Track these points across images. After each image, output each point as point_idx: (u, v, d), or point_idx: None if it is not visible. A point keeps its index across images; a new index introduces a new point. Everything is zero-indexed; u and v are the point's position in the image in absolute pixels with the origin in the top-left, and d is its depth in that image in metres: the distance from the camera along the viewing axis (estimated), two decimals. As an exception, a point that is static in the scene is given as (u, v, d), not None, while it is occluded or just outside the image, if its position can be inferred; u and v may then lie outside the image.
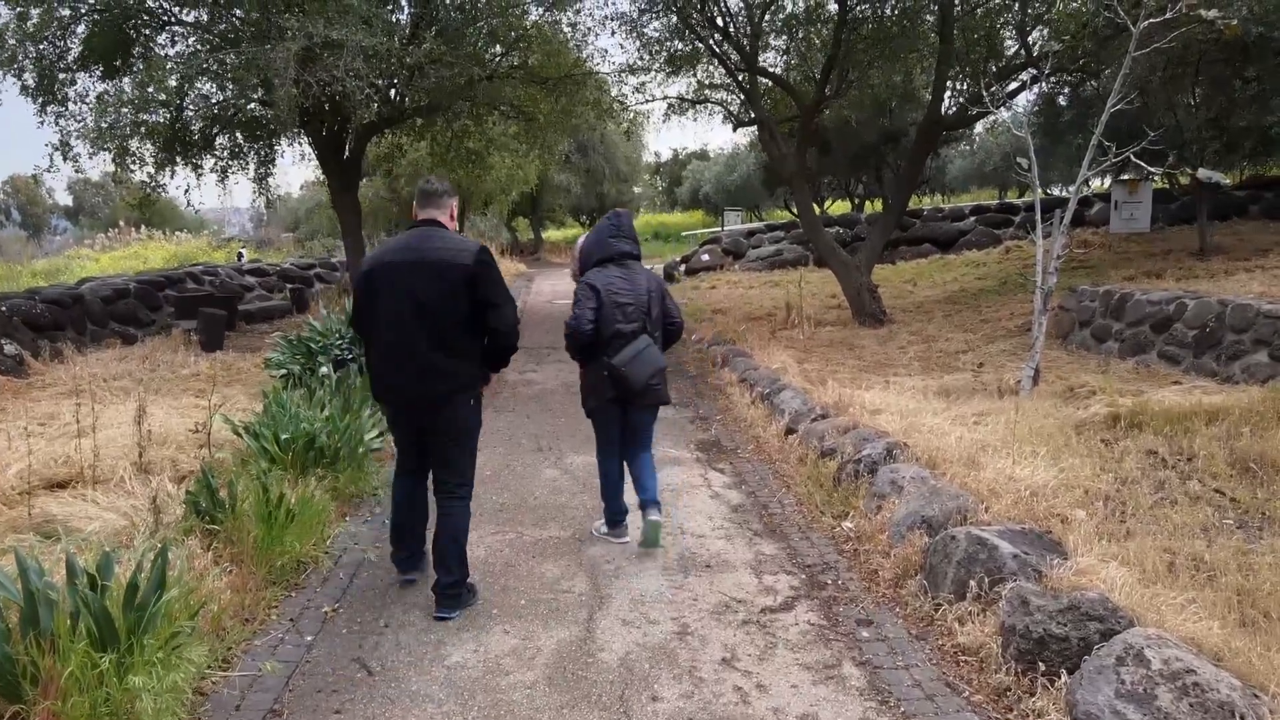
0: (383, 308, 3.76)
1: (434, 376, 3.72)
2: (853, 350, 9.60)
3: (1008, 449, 4.99)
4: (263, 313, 13.85)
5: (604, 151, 36.87)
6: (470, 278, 3.67)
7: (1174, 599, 3.20)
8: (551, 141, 15.16)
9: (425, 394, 3.76)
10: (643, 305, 4.40)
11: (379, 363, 3.87)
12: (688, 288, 17.93)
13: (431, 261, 3.68)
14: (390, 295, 3.73)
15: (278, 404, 5.25)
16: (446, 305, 3.68)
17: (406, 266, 3.72)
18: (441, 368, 3.71)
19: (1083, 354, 8.55)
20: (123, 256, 35.82)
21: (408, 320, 3.69)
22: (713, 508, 5.13)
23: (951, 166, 30.16)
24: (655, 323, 4.49)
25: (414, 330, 3.68)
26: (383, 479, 5.55)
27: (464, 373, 3.79)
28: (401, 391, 3.83)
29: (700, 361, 9.94)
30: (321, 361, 7.24)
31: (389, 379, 3.84)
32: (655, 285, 4.53)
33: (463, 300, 3.69)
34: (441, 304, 3.67)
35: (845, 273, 11.59)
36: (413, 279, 3.69)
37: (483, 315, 3.75)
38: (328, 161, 12.28)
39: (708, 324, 12.16)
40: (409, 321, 3.69)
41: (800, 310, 11.28)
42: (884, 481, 4.68)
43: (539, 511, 5.07)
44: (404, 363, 3.73)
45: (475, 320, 3.75)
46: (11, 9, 9.75)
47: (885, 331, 10.67)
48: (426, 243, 3.75)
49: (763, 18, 11.71)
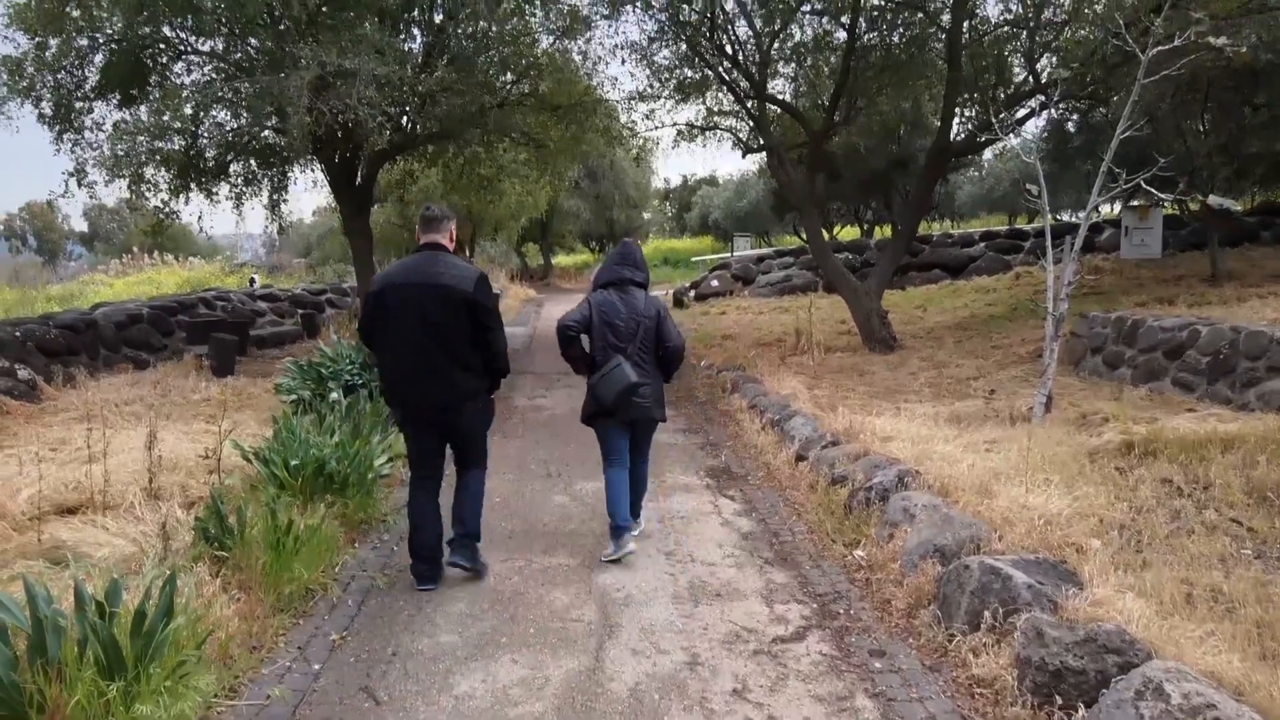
0: (394, 325, 4.13)
1: (445, 387, 4.14)
2: (863, 376, 9.57)
3: (1021, 477, 4.95)
4: (274, 338, 13.90)
5: (613, 178, 37.10)
6: (470, 303, 4.09)
7: (1193, 631, 3.15)
8: (561, 168, 15.26)
9: (437, 403, 4.18)
10: (633, 328, 4.70)
11: (392, 374, 4.26)
12: (697, 313, 17.96)
13: (437, 285, 4.08)
14: (400, 314, 4.10)
15: (288, 430, 5.25)
16: (452, 325, 4.10)
17: (415, 289, 4.09)
18: (451, 380, 4.14)
19: (1095, 380, 8.49)
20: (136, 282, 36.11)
21: (418, 337, 4.09)
22: (723, 535, 5.09)
23: (961, 192, 30.20)
24: (647, 345, 4.75)
25: (425, 346, 4.08)
26: (392, 504, 5.55)
27: (471, 384, 4.24)
28: (414, 400, 4.22)
29: (710, 387, 9.92)
30: (332, 387, 7.26)
31: (402, 390, 4.24)
32: (654, 310, 4.81)
33: (465, 321, 4.11)
34: (447, 324, 4.09)
35: (855, 299, 11.58)
36: (421, 300, 4.07)
37: (482, 333, 4.17)
38: (340, 188, 12.38)
39: (717, 350, 12.15)
40: (419, 338, 4.08)
41: (810, 336, 11.26)
42: (896, 509, 4.64)
43: (548, 539, 5.04)
44: (416, 375, 4.14)
45: (478, 337, 4.17)
46: (30, 39, 9.90)
47: (896, 358, 10.63)
48: (432, 267, 4.13)
49: (771, 45, 11.80)
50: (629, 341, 4.70)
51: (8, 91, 10.36)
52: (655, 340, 4.78)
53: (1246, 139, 11.57)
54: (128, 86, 11.00)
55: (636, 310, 4.74)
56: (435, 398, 4.16)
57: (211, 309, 13.95)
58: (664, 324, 4.81)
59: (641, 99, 13.24)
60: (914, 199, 12.77)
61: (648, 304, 4.81)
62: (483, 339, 4.17)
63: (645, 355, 4.77)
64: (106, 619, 2.70)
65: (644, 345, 4.75)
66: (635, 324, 4.71)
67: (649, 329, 4.75)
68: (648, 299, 4.85)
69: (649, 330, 4.75)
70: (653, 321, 4.76)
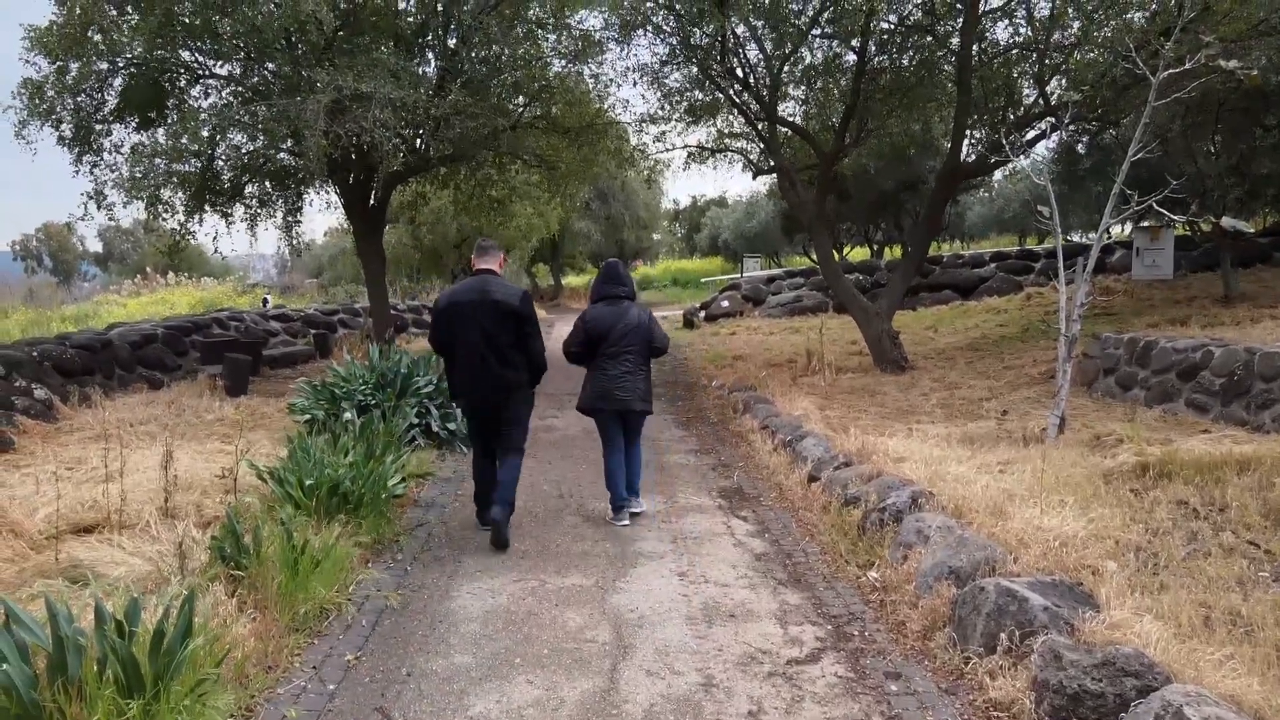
0: (458, 333, 5.24)
1: (498, 382, 5.24)
2: (875, 397, 9.56)
3: (1035, 498, 4.94)
4: (286, 358, 13.99)
5: (624, 199, 37.27)
6: (517, 314, 5.22)
7: (1211, 654, 3.13)
8: (572, 189, 15.37)
9: (492, 394, 5.28)
10: (624, 333, 5.61)
11: (459, 373, 5.35)
12: (707, 334, 17.99)
13: (491, 301, 5.19)
14: (463, 324, 5.21)
15: (302, 450, 5.29)
16: (503, 332, 5.20)
17: (473, 305, 5.21)
18: (503, 375, 5.23)
19: (1108, 402, 8.47)
20: (150, 302, 36.35)
21: (478, 342, 5.18)
22: (736, 556, 5.09)
23: (971, 213, 30.23)
24: (640, 346, 5.68)
25: (483, 349, 5.18)
26: (405, 525, 5.57)
27: (518, 379, 5.32)
28: (475, 392, 5.32)
29: (721, 408, 9.93)
30: (345, 407, 7.30)
31: (466, 384, 5.33)
32: (643, 319, 5.73)
33: (513, 329, 5.22)
34: (499, 331, 5.19)
35: (866, 319, 11.59)
36: (479, 313, 5.18)
37: (525, 339, 5.27)
38: (353, 209, 12.51)
39: (728, 370, 12.17)
40: (478, 343, 5.18)
41: (821, 357, 11.27)
42: (910, 531, 4.63)
43: (561, 559, 5.05)
44: (477, 372, 5.23)
45: (522, 342, 5.27)
46: (51, 63, 10.06)
47: (907, 378, 10.62)
48: (487, 286, 5.26)
49: (782, 68, 11.89)
50: (620, 345, 5.60)
51: (29, 114, 10.53)
52: (646, 341, 5.71)
53: (1257, 160, 11.57)
54: (146, 110, 11.16)
55: (628, 319, 5.64)
56: (491, 390, 5.26)
57: (225, 329, 14.05)
58: (653, 329, 5.78)
59: (652, 121, 13.36)
60: (924, 220, 12.79)
61: (637, 313, 5.71)
62: (525, 343, 5.29)
63: (639, 355, 5.68)
64: (126, 638, 2.71)
65: (637, 347, 5.65)
66: (626, 330, 5.61)
67: (640, 334, 5.66)
68: (636, 309, 5.74)
69: (641, 334, 5.66)
70: (644, 327, 5.69)
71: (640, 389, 5.67)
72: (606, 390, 5.60)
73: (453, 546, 5.29)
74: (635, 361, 5.65)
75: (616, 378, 5.60)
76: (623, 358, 5.61)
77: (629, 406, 5.65)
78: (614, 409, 5.65)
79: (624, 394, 5.60)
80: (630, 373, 5.62)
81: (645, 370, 5.74)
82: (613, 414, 5.67)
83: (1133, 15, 9.86)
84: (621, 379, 5.59)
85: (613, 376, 5.61)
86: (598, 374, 5.66)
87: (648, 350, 5.74)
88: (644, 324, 5.69)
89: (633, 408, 5.67)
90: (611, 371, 5.61)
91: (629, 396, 5.61)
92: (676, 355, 15.10)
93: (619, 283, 5.81)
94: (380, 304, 12.89)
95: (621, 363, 5.60)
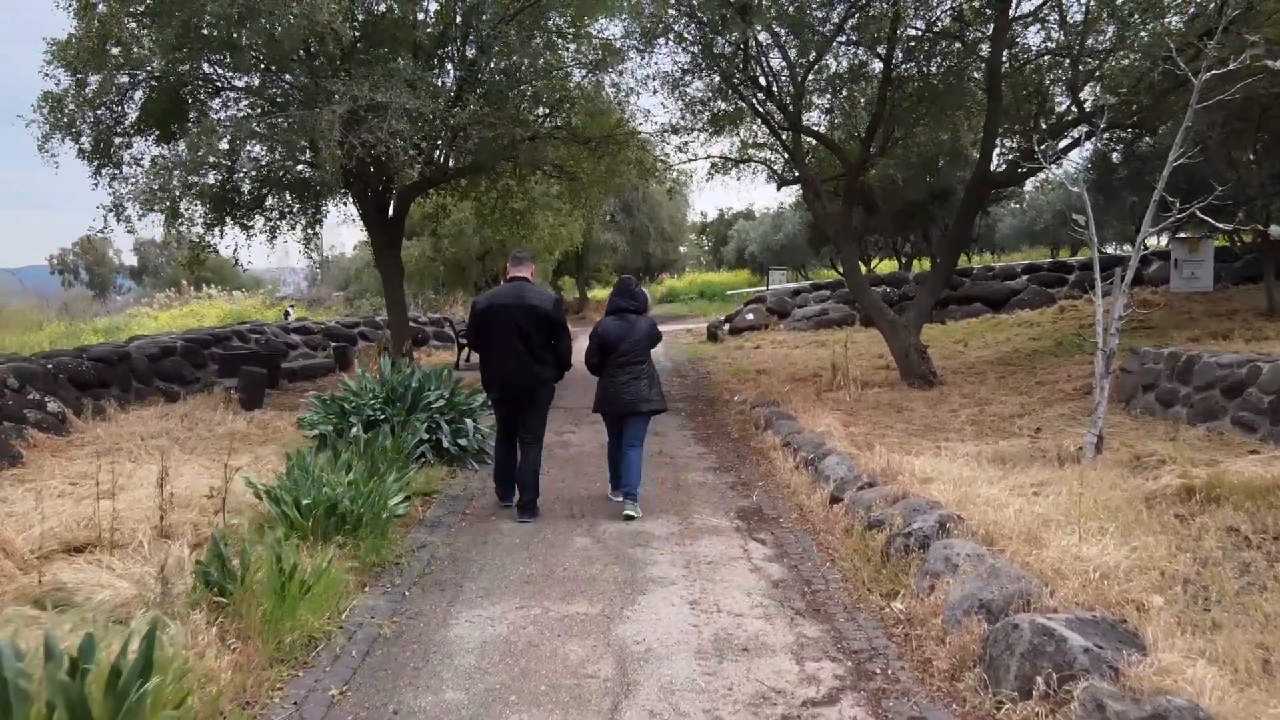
0: (494, 332, 5.99)
1: (528, 374, 5.97)
2: (901, 413, 9.24)
3: (1073, 524, 4.63)
4: (305, 371, 13.91)
5: (649, 211, 37.16)
6: (547, 317, 5.97)
7: (1273, 707, 2.81)
8: (594, 201, 15.20)
9: (521, 384, 6.02)
10: (632, 344, 6.24)
11: (493, 365, 6.07)
12: (731, 347, 17.71)
13: (525, 305, 5.93)
14: (499, 324, 5.95)
15: (300, 467, 5.09)
16: (535, 332, 5.93)
17: (509, 307, 5.94)
18: (532, 369, 5.96)
19: (1148, 419, 8.08)
20: (180, 315, 36.83)
21: (511, 341, 5.91)
22: (752, 582, 4.81)
23: (1002, 225, 29.75)
24: (645, 355, 6.34)
25: (515, 345, 5.90)
26: (406, 546, 5.35)
27: (545, 373, 6.06)
28: (506, 382, 6.05)
29: (743, 424, 9.65)
30: (353, 422, 7.12)
31: (499, 375, 6.05)
32: (648, 330, 6.36)
33: (544, 329, 5.97)
34: (532, 331, 5.92)
35: (893, 333, 11.27)
36: (514, 314, 5.90)
37: (555, 339, 6.06)
38: (372, 221, 12.41)
39: (750, 384, 11.89)
40: (512, 340, 5.90)
41: (846, 371, 10.95)
42: (937, 558, 4.34)
43: (567, 584, 4.80)
44: (509, 365, 5.96)
45: (550, 342, 6.04)
46: (71, 76, 10.05)
47: (936, 394, 10.28)
48: (521, 292, 6.02)
49: (806, 77, 11.63)
50: (630, 354, 6.23)
51: (50, 128, 10.54)
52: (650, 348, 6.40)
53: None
54: (166, 122, 11.13)
55: (636, 333, 6.28)
56: (521, 381, 5.99)
57: (245, 342, 14.01)
58: (653, 332, 6.42)
59: (674, 131, 13.15)
60: (953, 231, 12.44)
61: (644, 326, 6.34)
62: (553, 343, 6.05)
63: (646, 363, 6.34)
64: (79, 676, 2.51)
65: (643, 357, 6.31)
66: (634, 342, 6.26)
67: (645, 345, 6.32)
68: (645, 321, 6.38)
69: (645, 345, 6.32)
70: (648, 338, 6.34)
71: (645, 392, 6.29)
72: (616, 396, 6.25)
73: (456, 569, 5.06)
74: (641, 369, 6.29)
75: (625, 384, 6.23)
76: (629, 366, 6.25)
77: (637, 409, 6.27)
78: (623, 412, 6.29)
79: (631, 398, 6.24)
80: (635, 379, 6.25)
81: (651, 374, 6.37)
82: (619, 415, 6.36)
83: (1170, 19, 9.50)
84: (628, 385, 6.23)
85: (622, 383, 6.24)
86: (610, 381, 6.29)
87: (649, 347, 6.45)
88: (648, 335, 6.36)
89: (639, 409, 6.28)
90: (621, 378, 6.24)
91: (636, 400, 6.26)
92: (699, 369, 14.85)
93: (631, 297, 6.44)
94: (398, 317, 12.77)
95: (628, 370, 6.24)
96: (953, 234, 12.44)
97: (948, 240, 13.56)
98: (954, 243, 12.36)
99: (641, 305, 6.46)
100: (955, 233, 12.17)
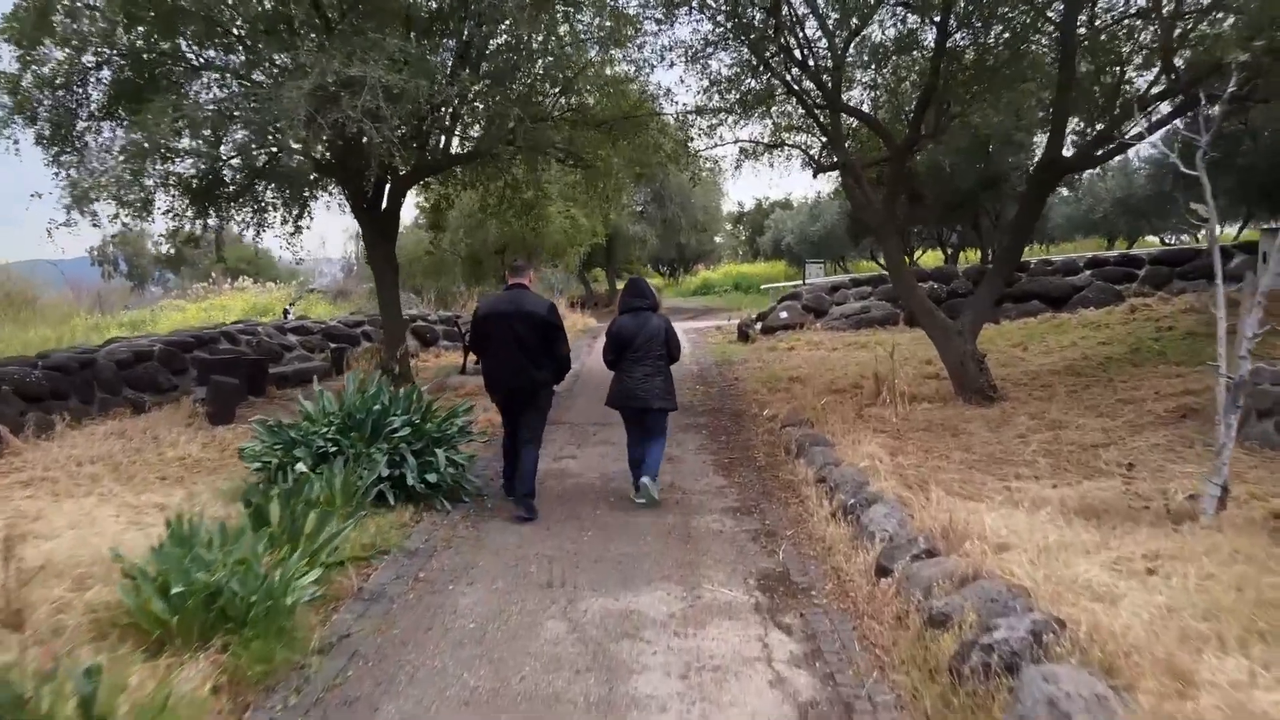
0: (495, 337, 6.20)
1: (527, 377, 6.15)
2: (958, 437, 7.86)
3: (1223, 633, 3.29)
4: (299, 375, 12.82)
5: (681, 200, 35.79)
6: (545, 323, 6.16)
7: None
8: (611, 190, 13.92)
9: (521, 387, 6.20)
10: (646, 341, 6.41)
11: (494, 369, 6.30)
12: (763, 349, 16.33)
13: (523, 312, 6.13)
14: (499, 330, 6.16)
15: (176, 540, 3.90)
16: (532, 337, 6.11)
17: (507, 314, 6.15)
18: (531, 373, 6.15)
19: (1267, 454, 6.64)
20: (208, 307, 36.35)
21: (511, 345, 6.12)
22: (771, 707, 3.52)
23: (1053, 214, 27.93)
24: (659, 352, 6.46)
25: (515, 351, 6.10)
26: (323, 639, 4.13)
27: (543, 377, 6.24)
28: (508, 385, 6.26)
29: (772, 447, 8.33)
30: (299, 455, 5.95)
31: (501, 378, 6.27)
32: (661, 328, 6.50)
33: (541, 335, 6.13)
34: (530, 337, 6.10)
35: (945, 339, 9.87)
36: (513, 321, 6.11)
37: (552, 343, 6.23)
38: (362, 213, 11.27)
39: (782, 396, 10.56)
40: (512, 345, 6.11)
41: (892, 384, 9.58)
42: (1035, 698, 3.01)
43: (522, 707, 3.55)
44: (510, 369, 6.16)
45: (549, 345, 6.21)
46: (16, 51, 8.98)
47: (997, 412, 8.87)
48: (519, 299, 6.21)
49: (847, 48, 10.23)
50: (643, 350, 6.40)
51: (7, 112, 9.54)
52: (665, 347, 6.49)
53: None
54: (136, 105, 10.07)
55: (649, 329, 6.44)
56: (520, 385, 6.20)
57: (235, 344, 12.95)
58: (670, 337, 6.54)
59: (699, 113, 11.83)
60: (1018, 221, 10.92)
61: (657, 322, 6.51)
62: (551, 348, 6.23)
63: (658, 359, 6.46)
64: None
65: (657, 353, 6.44)
66: (648, 338, 6.41)
67: (659, 340, 6.45)
68: (657, 318, 6.54)
69: (659, 341, 6.45)
70: (662, 335, 6.47)
71: (659, 389, 6.44)
72: (631, 391, 6.41)
73: (378, 676, 3.81)
74: (655, 365, 6.44)
75: (639, 380, 6.38)
76: (644, 362, 6.40)
77: (649, 405, 6.42)
78: (637, 407, 6.46)
79: (644, 394, 6.39)
80: (650, 375, 6.40)
81: (665, 372, 6.53)
82: (635, 411, 6.50)
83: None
84: (643, 381, 6.38)
85: (636, 379, 6.38)
86: (624, 377, 6.46)
87: (667, 353, 6.53)
88: (662, 332, 6.48)
89: (651, 405, 6.43)
90: (635, 374, 6.39)
91: (649, 396, 6.40)
92: (726, 375, 13.52)
93: (641, 296, 6.65)
94: (393, 320, 11.63)
95: (643, 366, 6.39)
96: (1017, 224, 10.91)
97: (1011, 232, 12.04)
98: (1018, 234, 10.83)
99: (652, 302, 6.64)
100: (1021, 223, 10.63)
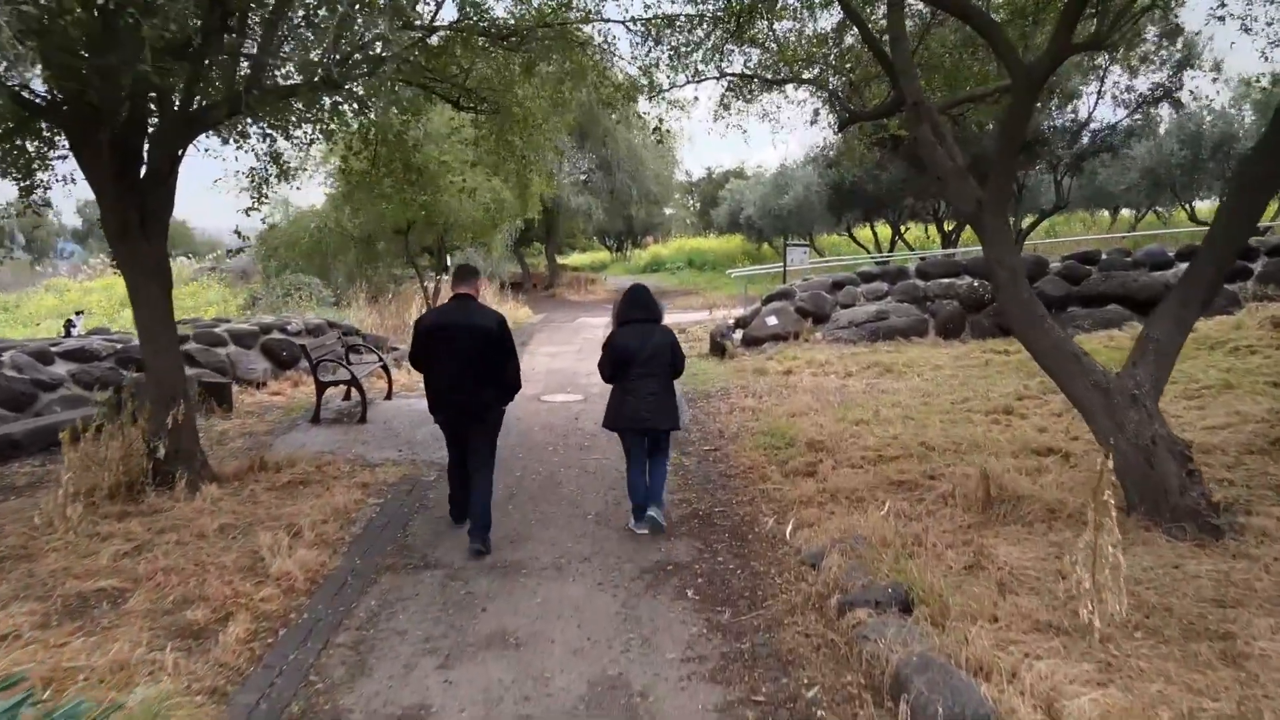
0: (440, 352, 5.77)
1: (475, 397, 5.79)
2: (1220, 640, 3.64)
3: None
4: (39, 435, 8.19)
5: (631, 169, 31.26)
6: (494, 338, 5.77)
7: None
8: (531, 146, 9.40)
9: (469, 408, 5.82)
10: (646, 356, 5.85)
11: (439, 387, 5.84)
12: (749, 370, 11.94)
13: (470, 325, 5.75)
14: (444, 344, 5.75)
15: None
16: (480, 353, 5.75)
17: (455, 327, 5.74)
18: (478, 393, 5.78)
19: None
20: (98, 287, 31.22)
21: (456, 362, 5.72)
22: None
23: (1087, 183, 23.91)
24: (664, 367, 5.91)
25: (462, 368, 5.72)
26: None
27: (493, 396, 5.88)
28: (454, 406, 5.84)
29: (821, 635, 4.00)
30: None
31: (447, 397, 5.83)
32: (666, 341, 5.96)
33: (490, 352, 5.77)
34: (477, 352, 5.74)
35: (1104, 404, 5.65)
36: (459, 335, 5.72)
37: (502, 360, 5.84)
38: (104, 185, 6.61)
39: (807, 486, 6.26)
40: (458, 362, 5.72)
41: (1097, 505, 5.32)
42: None
43: None
44: (456, 389, 5.76)
45: (499, 361, 5.82)
46: None
47: (1225, 560, 4.68)
48: (466, 311, 5.82)
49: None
50: (647, 367, 5.84)
51: None
52: (670, 362, 5.93)
53: None
54: None
55: (653, 343, 5.89)
56: (467, 404, 5.79)
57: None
58: (675, 351, 5.99)
59: (670, 24, 7.39)
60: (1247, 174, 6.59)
61: (661, 336, 5.95)
62: (501, 365, 5.81)
63: (664, 376, 5.92)
64: None
65: (661, 368, 5.89)
66: (651, 355, 5.86)
67: (664, 356, 5.90)
68: (660, 331, 5.99)
69: (664, 355, 5.90)
70: (668, 351, 5.93)
71: (666, 408, 5.88)
72: (636, 412, 5.81)
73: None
74: (661, 383, 5.87)
75: (644, 399, 5.79)
76: (649, 379, 5.82)
77: (657, 426, 5.86)
78: (642, 429, 5.85)
79: (651, 415, 5.81)
80: (656, 394, 5.83)
81: (671, 388, 5.95)
82: (639, 433, 5.88)
83: None
84: (648, 400, 5.80)
85: (641, 398, 5.79)
86: (627, 396, 5.84)
87: (671, 370, 5.95)
88: (668, 348, 5.90)
89: (660, 427, 5.88)
90: (640, 393, 5.80)
91: (656, 417, 5.84)
92: (706, 426, 9.07)
93: (643, 307, 6.01)
94: (160, 356, 6.97)
95: (648, 384, 5.82)
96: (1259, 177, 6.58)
97: (1242, 191, 7.67)
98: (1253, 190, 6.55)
99: (657, 314, 6.04)
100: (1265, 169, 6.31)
